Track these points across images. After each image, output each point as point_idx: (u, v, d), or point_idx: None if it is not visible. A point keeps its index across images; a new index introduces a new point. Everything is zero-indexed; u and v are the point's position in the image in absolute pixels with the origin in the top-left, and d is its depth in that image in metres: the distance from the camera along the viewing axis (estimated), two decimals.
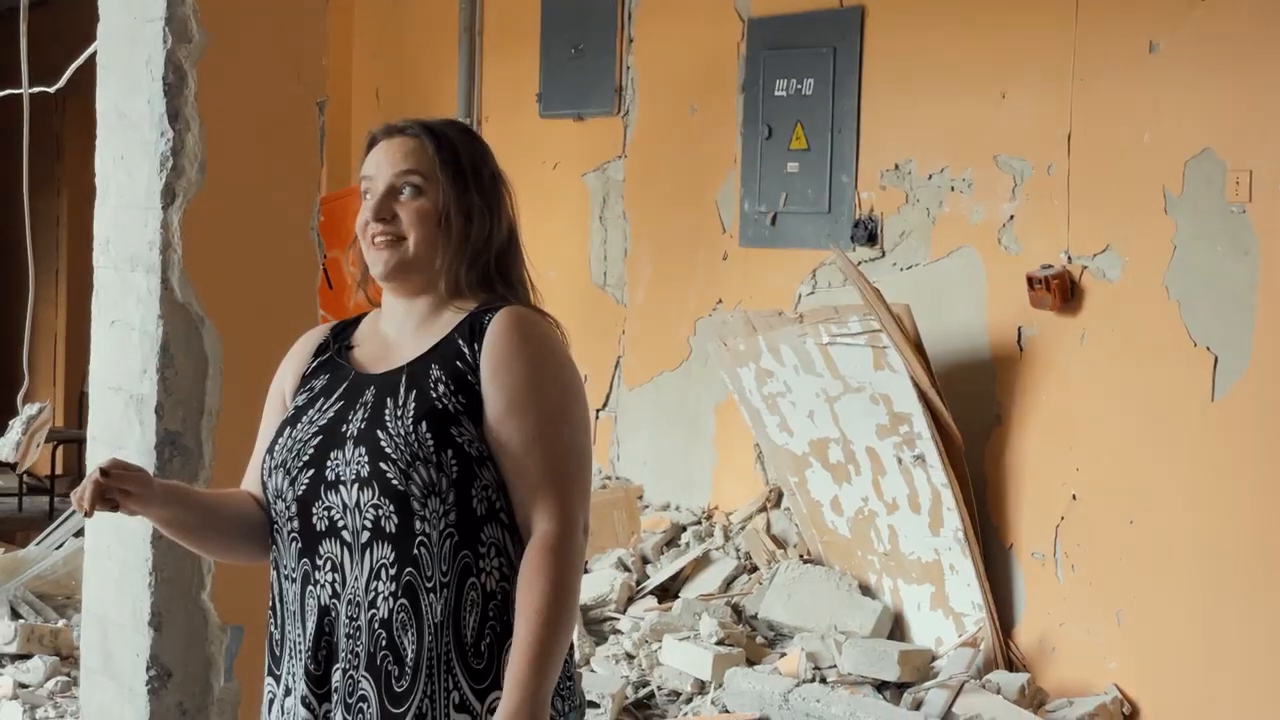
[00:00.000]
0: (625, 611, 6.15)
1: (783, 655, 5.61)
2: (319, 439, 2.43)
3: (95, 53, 4.00)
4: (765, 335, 5.93)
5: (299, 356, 2.60)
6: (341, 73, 8.40)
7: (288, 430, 2.48)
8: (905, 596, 5.76)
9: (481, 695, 2.35)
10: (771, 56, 6.54)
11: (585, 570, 6.14)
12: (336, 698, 2.39)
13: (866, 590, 5.88)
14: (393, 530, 2.36)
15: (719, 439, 6.80)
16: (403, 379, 2.43)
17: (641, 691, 5.56)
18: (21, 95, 5.38)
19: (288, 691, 2.45)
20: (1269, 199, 4.94)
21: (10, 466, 4.93)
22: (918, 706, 5.14)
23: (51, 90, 5.20)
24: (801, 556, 6.15)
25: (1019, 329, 5.61)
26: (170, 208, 3.64)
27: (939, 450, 5.49)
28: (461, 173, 2.49)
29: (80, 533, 6.40)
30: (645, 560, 6.50)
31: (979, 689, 5.18)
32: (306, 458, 2.43)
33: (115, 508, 2.39)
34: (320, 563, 2.41)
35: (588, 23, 7.36)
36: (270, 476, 2.47)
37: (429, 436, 2.36)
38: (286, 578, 2.47)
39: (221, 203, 3.69)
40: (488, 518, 2.39)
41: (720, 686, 5.42)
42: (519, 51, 7.69)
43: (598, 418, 7.24)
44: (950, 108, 5.88)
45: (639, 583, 6.34)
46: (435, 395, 2.39)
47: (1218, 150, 5.07)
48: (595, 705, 5.28)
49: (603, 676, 5.53)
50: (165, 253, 3.64)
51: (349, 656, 2.38)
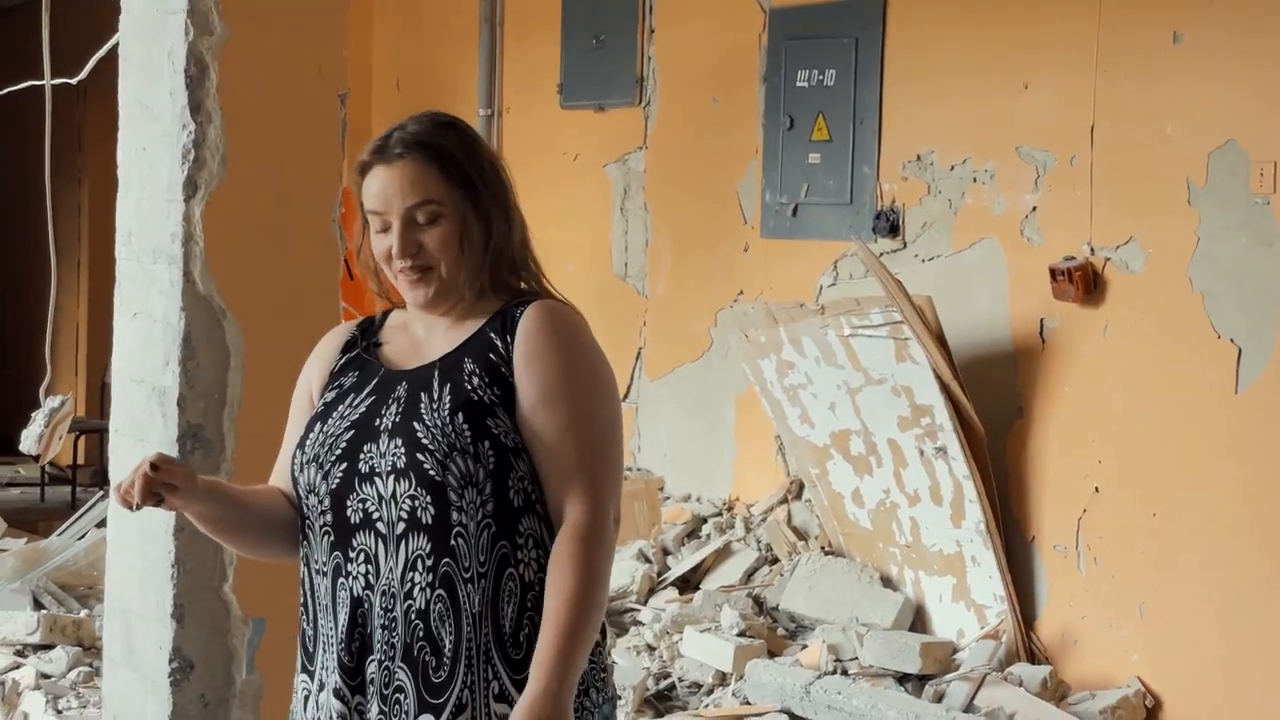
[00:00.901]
0: (646, 603, 6.15)
1: (804, 647, 5.60)
2: (352, 433, 2.43)
3: (117, 45, 4.00)
4: (787, 327, 5.92)
5: (325, 353, 2.60)
6: (361, 64, 8.39)
7: (318, 425, 2.48)
8: (927, 589, 5.74)
9: (520, 685, 2.35)
10: (793, 47, 6.52)
11: None
12: (372, 689, 2.40)
13: (888, 582, 5.87)
14: (429, 521, 2.37)
15: (740, 430, 6.79)
16: (435, 373, 2.43)
17: (662, 683, 5.56)
18: (43, 87, 5.39)
19: (322, 686, 2.46)
20: None
21: (33, 458, 4.94)
22: (939, 699, 5.13)
23: (73, 82, 5.20)
24: (823, 548, 6.14)
25: (1041, 321, 5.59)
26: (192, 200, 3.64)
27: (961, 442, 5.48)
28: (469, 181, 2.46)
29: (102, 523, 6.41)
30: (666, 552, 6.50)
31: (1001, 681, 5.17)
32: (340, 451, 2.43)
33: (160, 502, 2.39)
34: (353, 555, 2.41)
35: (608, 13, 7.35)
36: (302, 472, 2.47)
37: (466, 427, 2.36)
38: (318, 572, 2.47)
39: (243, 195, 3.69)
40: (525, 509, 2.40)
41: (741, 678, 5.42)
42: (540, 42, 7.68)
43: None
44: (973, 99, 5.85)
45: (660, 574, 6.34)
46: (470, 387, 2.39)
47: (1241, 141, 5.04)
48: (617, 697, 5.28)
49: (624, 668, 5.53)
50: (187, 245, 3.64)
51: (384, 648, 2.38)
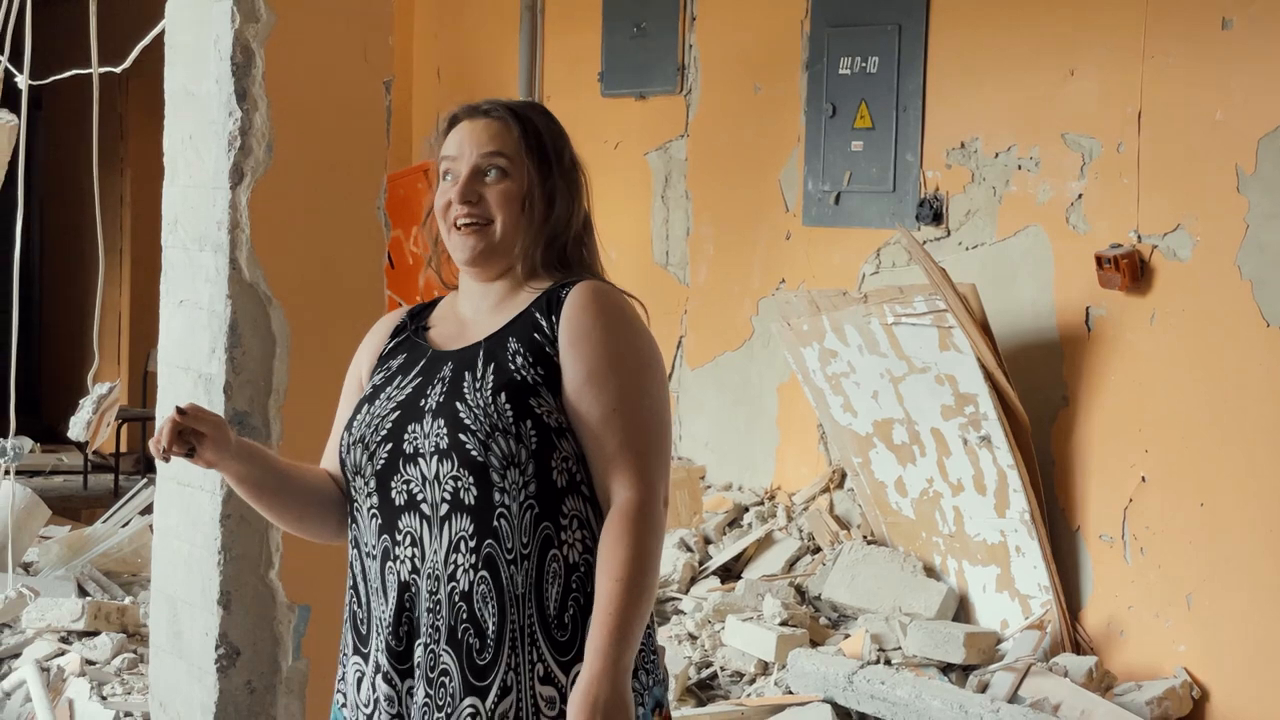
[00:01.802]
0: (688, 592, 6.14)
1: (846, 637, 5.58)
2: (397, 414, 2.44)
3: (160, 33, 4.01)
4: (829, 315, 5.89)
5: (376, 338, 2.61)
6: (402, 52, 8.40)
7: (365, 407, 2.49)
8: (970, 578, 5.72)
9: (566, 667, 2.35)
10: (836, 34, 6.49)
11: None
12: (419, 673, 2.40)
13: (931, 572, 5.84)
14: (471, 502, 2.36)
15: (782, 419, 6.77)
16: (480, 353, 2.44)
17: (704, 672, 5.55)
18: (85, 75, 5.41)
19: (377, 668, 2.46)
20: None
21: (80, 445, 4.96)
22: (984, 689, 5.10)
23: (117, 71, 5.22)
24: (865, 537, 6.12)
25: (1087, 309, 5.55)
26: (238, 187, 3.65)
27: (1005, 431, 5.45)
28: (545, 156, 2.49)
29: (146, 511, 6.44)
30: (707, 541, 6.49)
31: (1046, 672, 5.14)
32: (385, 432, 2.44)
33: (191, 452, 2.37)
34: (400, 538, 2.41)
35: (650, 1, 7.33)
36: (349, 453, 2.48)
37: (508, 407, 2.36)
38: (368, 555, 2.47)
39: (289, 182, 3.69)
40: (569, 490, 2.39)
41: (784, 667, 5.40)
42: (580, 30, 7.67)
43: None
44: (1017, 85, 5.81)
45: (701, 563, 6.32)
46: (514, 367, 2.39)
47: None
48: (668, 678, 5.28)
49: (665, 656, 5.52)
50: (233, 232, 3.65)
51: (430, 631, 2.38)
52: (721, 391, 7.01)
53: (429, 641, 2.39)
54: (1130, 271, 5.35)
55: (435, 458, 2.38)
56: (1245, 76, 5.12)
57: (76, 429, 4.70)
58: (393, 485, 2.42)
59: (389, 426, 2.43)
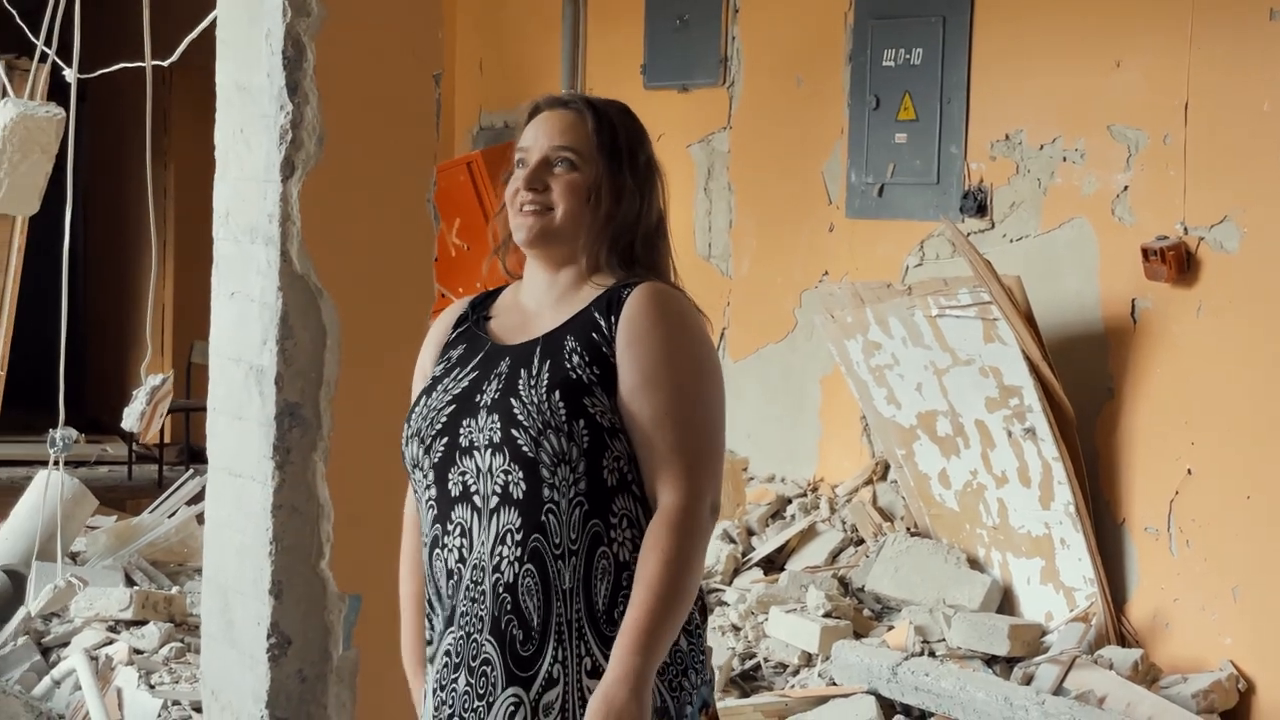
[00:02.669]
0: (731, 583, 6.15)
1: (890, 628, 5.59)
2: (453, 407, 2.46)
3: (208, 27, 4.03)
4: (873, 307, 5.89)
5: (440, 329, 2.63)
6: (445, 45, 8.42)
7: (424, 399, 2.51)
8: (1014, 570, 5.71)
9: None
10: (879, 26, 6.48)
11: None
12: (460, 661, 2.42)
13: (975, 564, 5.84)
14: (520, 496, 2.38)
15: (824, 411, 6.77)
16: (537, 349, 2.45)
17: (748, 663, 5.56)
18: (131, 69, 5.44)
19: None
20: None
21: (132, 436, 4.99)
22: (1028, 681, 5.10)
23: (165, 64, 5.25)
24: (909, 529, 6.11)
25: (1133, 301, 5.53)
26: (289, 180, 3.66)
27: (1050, 423, 5.43)
28: (617, 152, 2.50)
29: (192, 501, 6.50)
30: (750, 532, 6.50)
31: (1091, 664, 5.13)
32: (440, 425, 2.46)
33: None
34: (450, 528, 2.44)
35: None
36: (407, 445, 2.51)
37: (561, 406, 2.37)
38: (423, 543, 2.51)
39: (339, 175, 3.71)
40: (619, 489, 2.40)
41: (827, 659, 5.41)
42: (623, 23, 7.68)
43: None
44: (1062, 77, 5.80)
45: (744, 554, 6.33)
46: (569, 366, 2.40)
47: None
48: (714, 678, 5.29)
49: (708, 647, 5.53)
50: (284, 225, 3.66)
51: (473, 620, 2.41)
52: (764, 383, 7.02)
53: (471, 630, 2.41)
54: (1176, 263, 5.33)
55: (489, 451, 2.40)
56: None
57: (130, 420, 4.73)
58: (450, 478, 2.44)
59: (444, 421, 2.45)
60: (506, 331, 2.53)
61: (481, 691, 2.39)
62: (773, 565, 6.26)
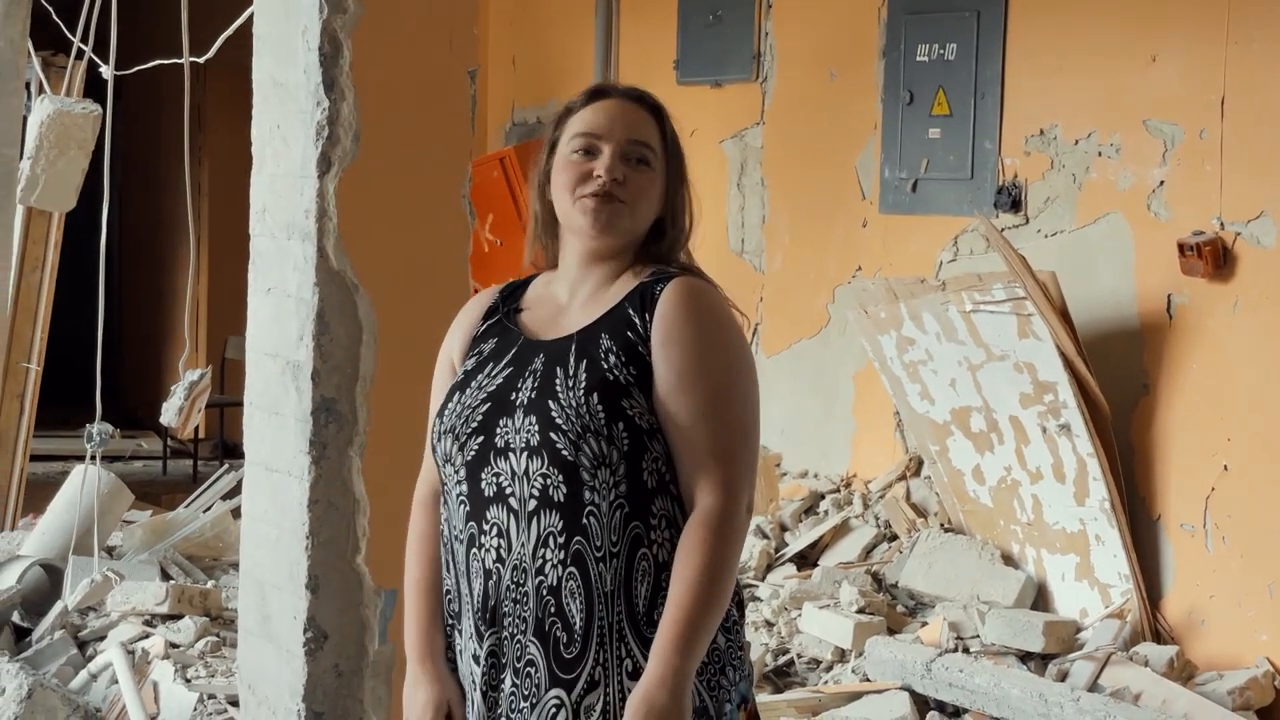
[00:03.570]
0: (764, 579, 6.15)
1: (924, 624, 5.58)
2: (488, 406, 2.44)
3: (243, 24, 4.04)
4: (907, 303, 5.88)
5: (468, 319, 2.60)
6: (478, 41, 8.43)
7: (456, 395, 2.49)
8: (1049, 567, 5.69)
9: None
10: (913, 21, 6.47)
11: None
12: (504, 660, 2.42)
13: (1009, 560, 5.82)
14: (561, 499, 2.37)
15: (858, 407, 6.76)
16: (572, 348, 2.43)
17: (781, 659, 5.56)
18: (168, 66, 5.47)
19: (468, 648, 2.49)
20: None
21: (170, 431, 5.02)
22: (1063, 678, 5.09)
23: (201, 61, 5.27)
24: (942, 525, 6.10)
25: (1168, 297, 5.51)
26: (326, 176, 3.67)
27: (1085, 419, 5.42)
28: (680, 166, 2.51)
29: (227, 496, 6.52)
30: (784, 528, 6.49)
31: (1126, 661, 5.11)
32: (475, 424, 2.44)
33: None
34: (486, 528, 2.42)
35: None
36: (440, 441, 2.49)
37: (600, 409, 2.36)
38: (456, 538, 2.49)
39: (375, 171, 3.71)
40: (659, 490, 2.39)
41: (861, 655, 5.40)
42: (656, 18, 7.68)
43: None
44: (1098, 71, 5.78)
45: (778, 550, 6.33)
46: (606, 366, 2.39)
47: None
48: (752, 674, 5.29)
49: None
50: (321, 220, 3.67)
51: (516, 622, 2.40)
52: (797, 379, 7.01)
53: (515, 632, 2.40)
54: (1213, 259, 5.31)
55: (525, 454, 2.39)
56: None
57: (169, 415, 4.76)
58: (482, 477, 2.43)
59: (479, 419, 2.44)
60: (539, 325, 2.51)
61: (526, 693, 2.39)
62: (806, 561, 6.25)
